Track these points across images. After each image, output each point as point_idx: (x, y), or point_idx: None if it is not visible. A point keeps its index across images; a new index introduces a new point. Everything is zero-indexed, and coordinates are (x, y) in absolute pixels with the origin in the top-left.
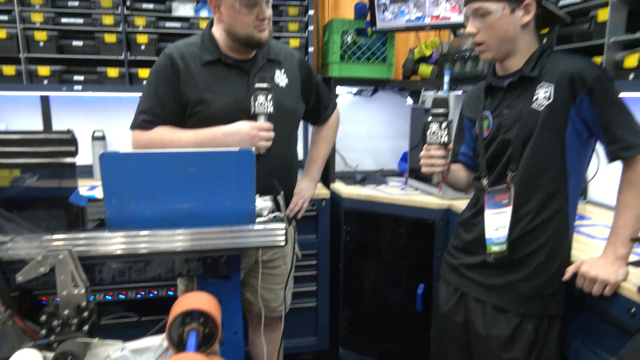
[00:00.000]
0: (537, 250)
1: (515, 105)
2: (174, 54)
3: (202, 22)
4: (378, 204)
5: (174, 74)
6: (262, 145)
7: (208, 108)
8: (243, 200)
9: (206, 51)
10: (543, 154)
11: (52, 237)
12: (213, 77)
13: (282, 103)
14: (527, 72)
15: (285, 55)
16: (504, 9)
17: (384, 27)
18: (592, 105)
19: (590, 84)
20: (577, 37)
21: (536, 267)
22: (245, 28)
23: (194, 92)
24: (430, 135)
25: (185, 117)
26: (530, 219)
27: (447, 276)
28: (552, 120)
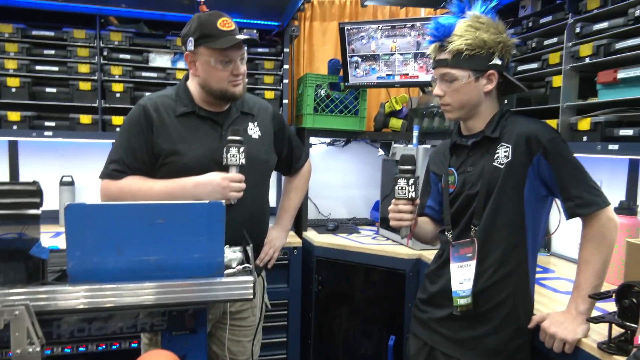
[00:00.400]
0: (500, 303)
1: (479, 163)
2: (147, 105)
3: (179, 72)
4: (350, 253)
5: (147, 124)
6: (233, 196)
7: (180, 159)
8: (212, 252)
9: (180, 103)
10: (503, 209)
11: (8, 291)
12: (186, 129)
13: (255, 154)
14: (488, 133)
15: (258, 108)
16: (469, 77)
17: (356, 83)
18: (548, 165)
19: (544, 145)
20: (535, 100)
21: (500, 320)
22: (219, 83)
23: (167, 143)
24: (398, 190)
25: (157, 167)
26: (492, 272)
27: (416, 330)
28: (511, 177)
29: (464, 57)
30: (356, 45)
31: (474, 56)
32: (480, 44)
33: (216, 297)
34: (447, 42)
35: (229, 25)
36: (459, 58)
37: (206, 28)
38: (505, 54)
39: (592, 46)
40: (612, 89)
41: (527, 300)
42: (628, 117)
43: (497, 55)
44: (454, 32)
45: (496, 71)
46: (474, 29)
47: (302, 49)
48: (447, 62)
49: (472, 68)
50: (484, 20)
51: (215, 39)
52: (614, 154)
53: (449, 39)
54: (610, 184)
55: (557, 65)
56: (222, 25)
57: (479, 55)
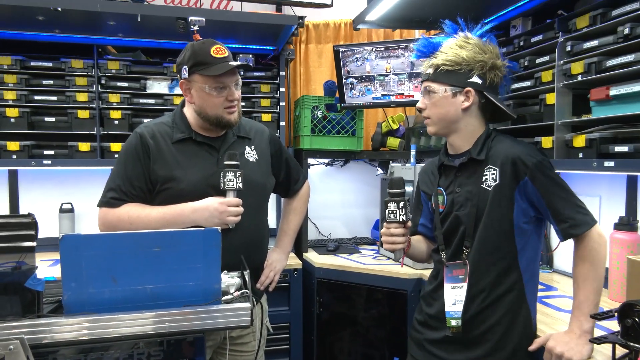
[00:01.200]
0: (493, 326)
1: (467, 184)
2: (144, 133)
3: (176, 98)
4: (351, 274)
5: (144, 152)
6: (231, 220)
7: (177, 184)
8: (208, 279)
9: (177, 129)
10: (494, 232)
11: (3, 325)
12: (183, 155)
13: (252, 178)
14: (474, 155)
15: (255, 131)
16: (446, 92)
17: (352, 104)
18: (536, 189)
19: (531, 168)
20: (530, 117)
21: (495, 342)
22: (214, 109)
23: (164, 170)
24: (389, 214)
25: (155, 194)
26: (485, 296)
27: (413, 352)
28: (499, 200)
29: (442, 72)
30: (351, 66)
31: (452, 72)
32: (459, 60)
33: (214, 324)
34: (432, 57)
35: (222, 52)
36: (438, 73)
37: (199, 56)
38: (488, 74)
39: (583, 64)
40: (605, 105)
41: (525, 320)
42: (622, 133)
43: (476, 73)
44: (440, 49)
45: (474, 89)
46: (458, 47)
47: (298, 71)
48: (428, 76)
49: (449, 83)
50: (472, 41)
51: (208, 66)
52: (610, 171)
53: (434, 55)
54: (609, 199)
55: (550, 83)
56: (216, 52)
57: (458, 72)
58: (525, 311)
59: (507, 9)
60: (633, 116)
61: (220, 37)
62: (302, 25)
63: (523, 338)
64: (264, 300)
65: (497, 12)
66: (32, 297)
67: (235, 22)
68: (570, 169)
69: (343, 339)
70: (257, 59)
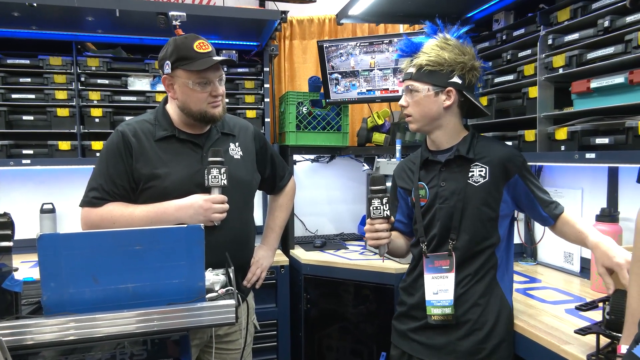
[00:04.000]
0: (472, 307)
1: (452, 179)
2: (126, 130)
3: (159, 95)
4: (337, 270)
5: (126, 150)
6: (216, 217)
7: (161, 183)
8: (192, 277)
9: (159, 127)
10: (481, 224)
11: None
12: (166, 152)
13: (237, 175)
14: (464, 153)
15: (239, 128)
16: (429, 91)
17: (337, 99)
18: (524, 184)
19: (520, 167)
20: (513, 111)
21: (473, 323)
22: (198, 105)
23: (147, 168)
24: (374, 210)
25: (138, 193)
26: (467, 282)
27: (396, 342)
28: (487, 196)
29: (425, 72)
30: (335, 62)
31: (434, 72)
32: (441, 61)
33: (197, 322)
34: (414, 57)
35: (206, 47)
36: (421, 72)
37: (182, 51)
38: (467, 74)
39: (564, 57)
40: (586, 98)
41: (500, 302)
42: (603, 125)
43: (456, 74)
44: (422, 49)
45: (454, 89)
46: (439, 48)
47: (283, 67)
48: (411, 75)
49: (432, 83)
50: (451, 42)
51: (192, 61)
52: (591, 163)
53: (416, 54)
54: (592, 191)
55: (532, 76)
56: (199, 47)
57: (440, 72)
58: (499, 290)
59: (490, 2)
60: (613, 108)
61: (202, 32)
62: (285, 20)
63: (498, 317)
64: (250, 298)
65: (480, 6)
66: (11, 299)
67: (217, 17)
68: (553, 162)
69: (331, 335)
70: (240, 55)
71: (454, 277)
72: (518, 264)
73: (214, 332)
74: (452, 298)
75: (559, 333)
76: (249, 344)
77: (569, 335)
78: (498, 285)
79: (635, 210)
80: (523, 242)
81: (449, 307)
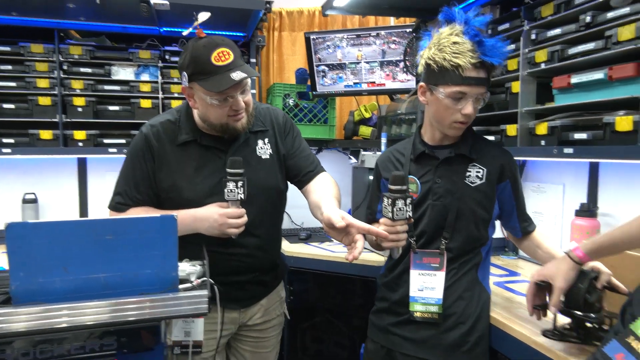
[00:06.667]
0: (456, 301)
1: (448, 177)
2: (150, 134)
3: (143, 85)
4: (321, 262)
5: (149, 156)
6: (232, 232)
7: (182, 194)
8: (165, 267)
9: (182, 130)
10: (474, 226)
11: None
12: (188, 160)
13: (262, 180)
14: (466, 153)
15: (270, 120)
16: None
17: (324, 92)
18: (512, 190)
19: (514, 173)
20: (497, 106)
21: (459, 316)
22: (219, 119)
23: (167, 178)
24: (397, 211)
25: (161, 201)
26: (452, 276)
27: (375, 337)
28: (483, 197)
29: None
30: (322, 54)
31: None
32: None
33: (169, 313)
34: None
35: (225, 58)
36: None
37: (199, 63)
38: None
39: (546, 52)
40: (567, 93)
41: (482, 295)
42: (582, 121)
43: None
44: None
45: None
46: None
47: (271, 59)
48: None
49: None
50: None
51: (208, 77)
52: (570, 157)
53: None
54: (573, 187)
55: (516, 71)
56: (217, 59)
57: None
58: (480, 285)
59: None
60: (593, 104)
61: (186, 22)
62: (269, 11)
63: (481, 310)
64: (281, 288)
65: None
66: None
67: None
68: (533, 156)
69: (315, 327)
70: None
71: (443, 276)
72: (499, 258)
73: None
74: (440, 297)
75: (532, 325)
76: (280, 332)
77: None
78: (479, 279)
79: (614, 206)
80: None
81: (436, 306)
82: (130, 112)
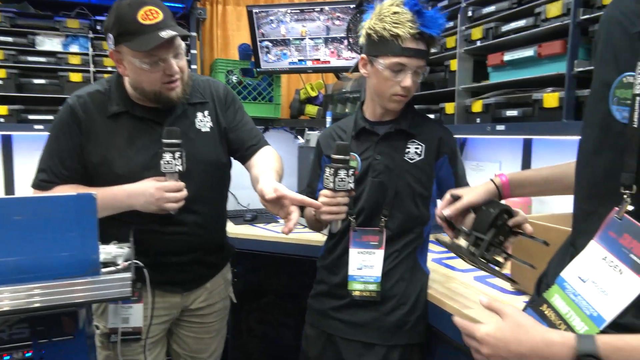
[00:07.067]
0: (397, 282)
1: (388, 153)
2: (76, 105)
3: (72, 57)
4: (265, 243)
5: (75, 128)
6: (170, 207)
7: (113, 169)
8: (84, 249)
9: (113, 101)
10: (413, 203)
11: None
12: (119, 133)
13: (203, 153)
14: (405, 128)
15: (210, 91)
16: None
17: (268, 69)
18: (450, 166)
19: (452, 148)
20: (437, 84)
21: (399, 297)
22: (151, 85)
23: (96, 151)
24: (338, 182)
25: (90, 177)
26: (394, 258)
27: (314, 322)
28: (422, 174)
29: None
30: (266, 29)
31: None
32: None
33: (87, 297)
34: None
35: (153, 16)
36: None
37: (125, 23)
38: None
39: (482, 29)
40: (500, 71)
41: (421, 275)
42: (514, 98)
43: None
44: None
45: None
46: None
47: (215, 34)
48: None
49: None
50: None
51: (135, 37)
52: (502, 134)
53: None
54: (509, 164)
55: (454, 48)
56: (144, 17)
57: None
58: (418, 264)
59: None
60: (524, 81)
61: None
62: None
63: (420, 290)
64: (227, 271)
65: None
66: None
67: None
68: (469, 134)
69: (259, 309)
70: None
71: (382, 254)
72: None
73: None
74: (378, 275)
75: (463, 299)
76: (225, 316)
77: (472, 300)
78: (417, 259)
79: None
80: None
81: (375, 284)
82: (59, 86)
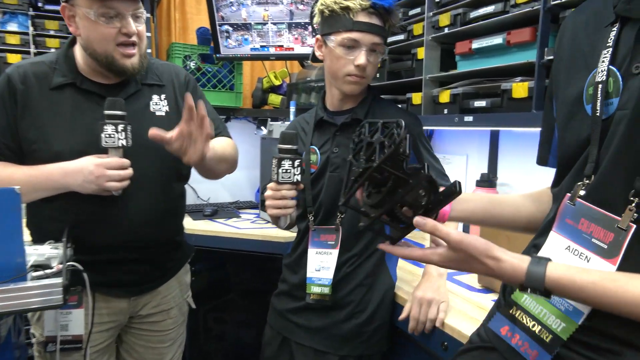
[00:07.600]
0: (356, 287)
1: (345, 145)
2: (14, 75)
3: (10, 37)
4: (225, 240)
5: (11, 100)
6: (112, 186)
7: (50, 146)
8: (7, 252)
9: (58, 72)
10: None
11: None
12: (61, 107)
13: None
14: (361, 117)
15: (168, 75)
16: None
17: (228, 55)
18: (414, 155)
19: (415, 136)
20: (405, 73)
21: (355, 306)
22: (104, 44)
23: (32, 126)
24: (282, 173)
25: (24, 156)
26: (353, 262)
27: (272, 322)
28: None
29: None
30: (225, 12)
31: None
32: None
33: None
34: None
35: None
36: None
37: None
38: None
39: (450, 15)
40: (468, 59)
41: (385, 280)
42: (483, 88)
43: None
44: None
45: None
46: None
47: (173, 17)
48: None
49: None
50: None
51: None
52: (470, 126)
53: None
54: (477, 157)
55: (421, 36)
56: None
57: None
58: (385, 271)
59: None
60: (493, 70)
61: None
62: None
63: (383, 298)
64: (184, 274)
65: None
66: None
67: None
68: (436, 126)
69: (219, 308)
70: None
71: (337, 254)
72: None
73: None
74: (331, 277)
75: None
76: (182, 323)
77: None
78: (385, 263)
79: (511, 176)
80: None
81: (327, 287)
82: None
